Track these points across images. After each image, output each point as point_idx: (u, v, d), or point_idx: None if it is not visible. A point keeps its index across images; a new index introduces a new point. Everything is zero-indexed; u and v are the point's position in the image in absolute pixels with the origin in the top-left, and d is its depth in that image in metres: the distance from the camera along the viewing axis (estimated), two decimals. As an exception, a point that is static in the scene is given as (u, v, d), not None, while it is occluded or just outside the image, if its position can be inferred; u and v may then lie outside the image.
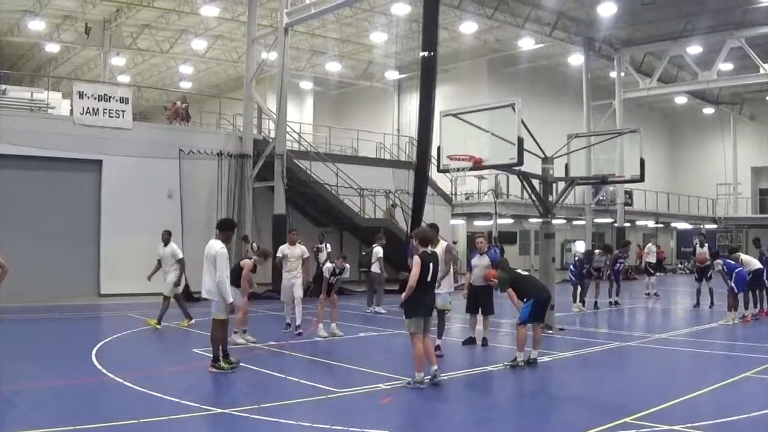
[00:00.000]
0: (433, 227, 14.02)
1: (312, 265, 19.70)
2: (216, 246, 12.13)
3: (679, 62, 42.23)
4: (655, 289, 28.06)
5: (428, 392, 10.78)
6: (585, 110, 40.20)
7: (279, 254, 17.16)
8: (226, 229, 12.71)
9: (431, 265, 11.28)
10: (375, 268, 22.49)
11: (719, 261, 20.80)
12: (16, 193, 24.69)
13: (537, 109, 36.27)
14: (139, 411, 9.31)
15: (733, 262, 20.15)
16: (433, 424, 9.24)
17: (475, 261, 15.48)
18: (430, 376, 11.14)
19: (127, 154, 26.51)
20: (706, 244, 24.90)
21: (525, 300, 13.25)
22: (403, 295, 11.24)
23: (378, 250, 22.36)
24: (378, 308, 22.64)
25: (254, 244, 24.73)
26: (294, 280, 16.73)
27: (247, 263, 15.28)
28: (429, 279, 11.25)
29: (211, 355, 12.33)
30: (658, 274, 29.68)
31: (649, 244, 29.93)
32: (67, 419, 8.80)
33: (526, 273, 14.37)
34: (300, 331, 16.55)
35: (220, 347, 12.33)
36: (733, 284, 19.60)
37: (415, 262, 11.18)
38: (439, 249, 13.07)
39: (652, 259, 28.38)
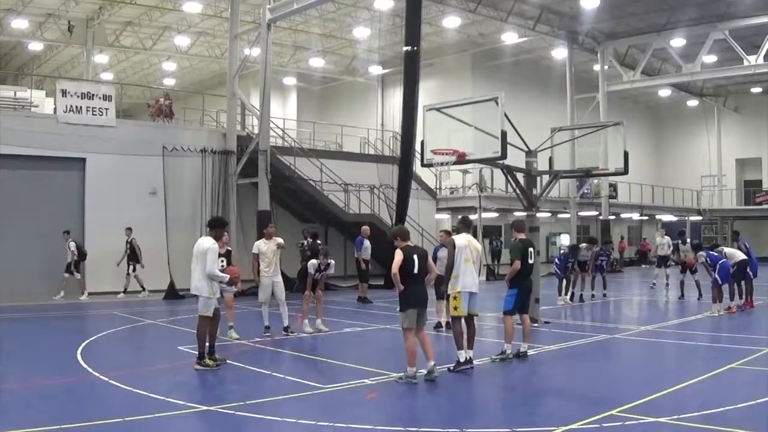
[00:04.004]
0: (465, 221, 13.34)
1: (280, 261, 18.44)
2: (206, 243, 12.22)
3: (663, 55, 42.33)
4: (667, 280, 27.58)
5: (415, 387, 10.78)
6: (569, 103, 40.18)
7: (255, 250, 16.21)
8: (216, 227, 12.89)
9: (415, 256, 11.20)
10: None
11: (702, 253, 20.95)
12: (0, 193, 24.55)
13: (521, 103, 36.35)
14: (125, 409, 9.28)
15: (716, 254, 20.28)
16: (418, 419, 9.23)
17: (440, 253, 15.51)
18: (426, 371, 11.10)
19: (111, 151, 26.38)
20: (689, 241, 24.82)
21: (510, 288, 13.23)
22: (396, 288, 11.21)
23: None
24: None
25: (72, 243, 24.40)
26: (275, 278, 16.02)
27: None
28: (416, 271, 11.17)
29: (197, 353, 12.29)
30: (644, 266, 29.67)
31: (658, 237, 29.76)
32: (54, 419, 8.74)
33: (531, 261, 13.97)
34: (290, 330, 16.21)
35: (207, 345, 12.29)
36: (717, 276, 19.70)
37: (396, 253, 11.17)
38: (464, 238, 12.35)
39: (663, 252, 27.97)
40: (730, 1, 34.82)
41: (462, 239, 12.30)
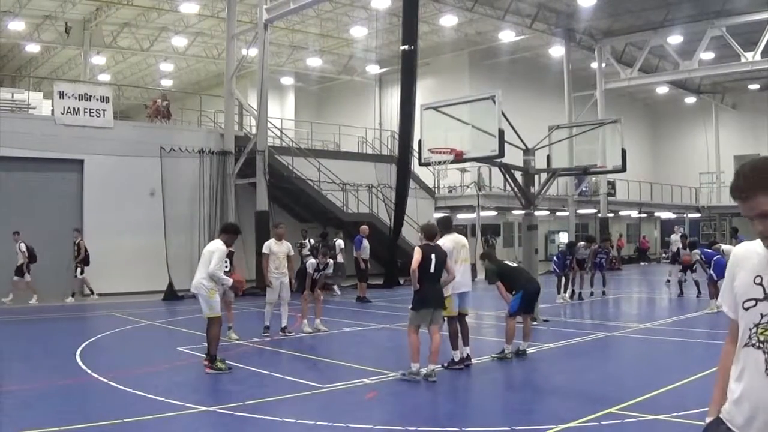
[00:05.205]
0: (445, 223, 13.13)
1: (296, 262, 18.60)
2: (215, 245, 12.40)
3: (660, 52, 42.30)
4: (669, 276, 27.51)
5: (414, 386, 10.77)
6: (566, 101, 40.11)
7: (265, 250, 16.09)
8: (229, 232, 12.89)
9: (433, 256, 11.17)
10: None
11: (697, 251, 21.09)
12: (-2, 194, 24.54)
13: (518, 101, 36.35)
14: (124, 410, 9.26)
15: (710, 251, 20.37)
16: (418, 418, 9.20)
17: None
18: (424, 372, 11.07)
19: (109, 153, 26.35)
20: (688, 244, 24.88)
21: (514, 292, 13.24)
22: (412, 286, 11.24)
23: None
24: None
25: (23, 244, 23.61)
26: (283, 279, 15.95)
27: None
28: (433, 270, 11.14)
29: (204, 354, 12.17)
30: (642, 263, 29.67)
31: (673, 235, 29.82)
32: (52, 421, 8.72)
33: (514, 265, 14.17)
34: (288, 330, 16.19)
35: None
36: (711, 272, 19.77)
37: (416, 251, 11.20)
38: (450, 240, 12.28)
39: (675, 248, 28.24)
40: (726, -3, 34.86)
41: (448, 242, 12.19)
